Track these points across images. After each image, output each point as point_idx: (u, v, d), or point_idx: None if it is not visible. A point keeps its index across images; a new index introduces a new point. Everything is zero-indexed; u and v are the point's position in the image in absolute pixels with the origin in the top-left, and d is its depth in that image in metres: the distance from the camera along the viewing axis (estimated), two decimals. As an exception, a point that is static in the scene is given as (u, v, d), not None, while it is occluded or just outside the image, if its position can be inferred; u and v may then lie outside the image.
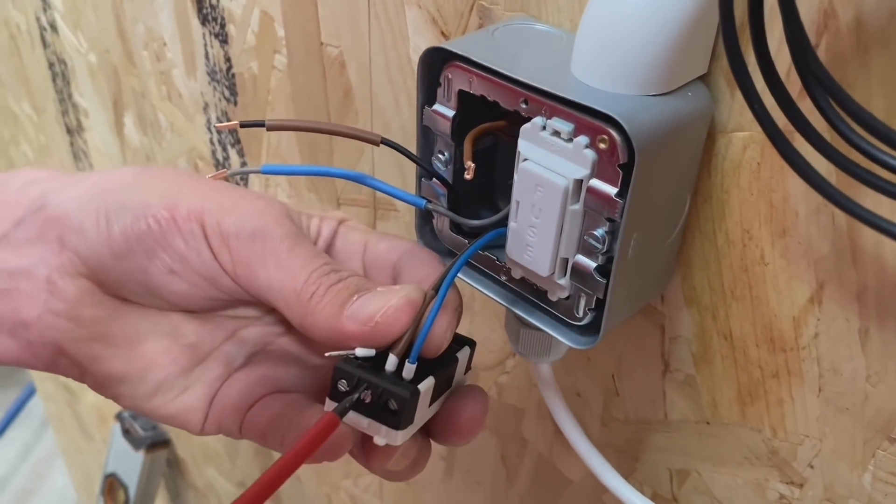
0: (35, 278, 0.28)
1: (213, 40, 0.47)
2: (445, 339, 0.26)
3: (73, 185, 0.29)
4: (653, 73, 0.24)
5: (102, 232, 0.27)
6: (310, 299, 0.26)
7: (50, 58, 0.68)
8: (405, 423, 0.26)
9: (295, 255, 0.27)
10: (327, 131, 0.28)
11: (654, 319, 0.32)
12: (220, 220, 0.27)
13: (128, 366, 0.29)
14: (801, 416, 0.29)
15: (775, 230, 0.26)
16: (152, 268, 0.27)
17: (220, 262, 0.27)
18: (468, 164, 0.26)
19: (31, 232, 0.28)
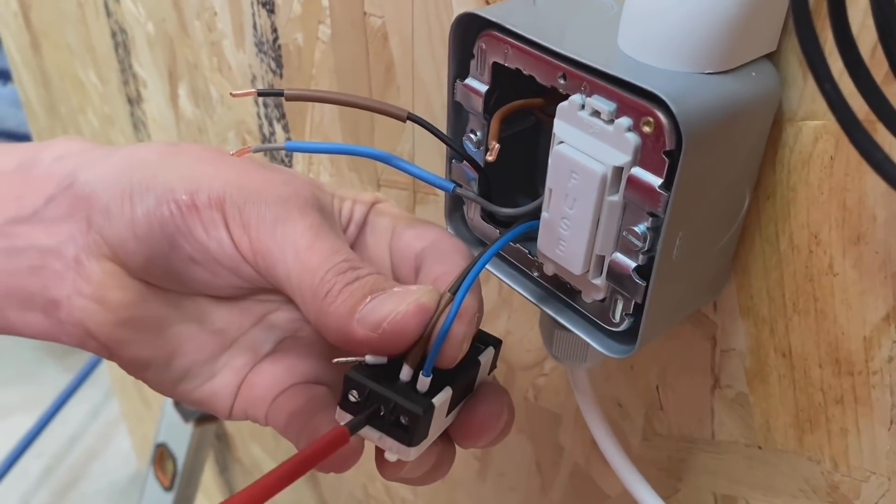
0: (64, 257, 0.27)
1: (261, 9, 0.45)
2: (461, 351, 0.24)
3: (103, 160, 0.28)
4: (710, 48, 0.20)
5: (126, 214, 0.26)
6: (324, 298, 0.24)
7: (112, 27, 0.68)
8: (418, 439, 0.24)
9: (315, 249, 0.25)
10: (349, 104, 0.26)
11: (704, 329, 0.28)
12: (241, 207, 0.25)
13: (153, 352, 0.27)
14: (868, 450, 0.25)
15: (848, 236, 0.23)
16: (174, 255, 0.26)
17: (240, 251, 0.25)
18: (492, 144, 0.23)
19: (61, 210, 0.27)
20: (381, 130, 0.40)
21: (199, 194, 0.25)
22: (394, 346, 0.24)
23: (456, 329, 0.23)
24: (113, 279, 0.27)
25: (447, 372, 0.24)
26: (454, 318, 0.23)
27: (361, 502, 0.63)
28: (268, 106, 0.50)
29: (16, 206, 0.28)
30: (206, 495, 1.09)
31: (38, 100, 1.04)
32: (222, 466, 1.00)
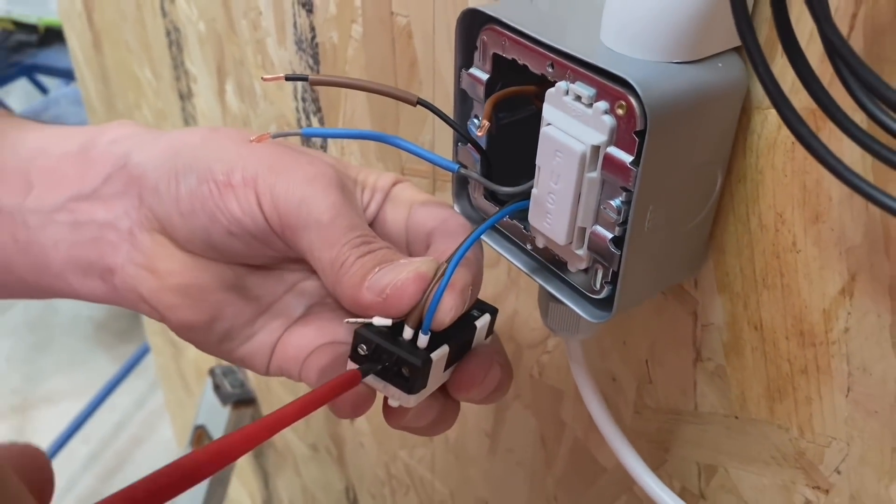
0: (119, 230, 0.31)
1: (301, 9, 0.49)
2: (451, 314, 0.26)
3: (152, 143, 0.31)
4: (678, 40, 0.23)
5: (172, 192, 0.29)
6: (340, 268, 0.27)
7: (167, 26, 0.72)
8: (417, 388, 0.27)
9: (335, 224, 0.28)
10: (366, 88, 0.29)
11: (687, 305, 0.31)
12: (272, 186, 0.28)
13: (198, 316, 0.31)
14: (829, 417, 0.27)
15: (808, 215, 0.25)
16: (213, 228, 0.29)
17: (270, 225, 0.29)
18: (483, 123, 0.26)
19: (116, 187, 0.31)
20: (405, 122, 0.43)
21: (234, 174, 0.29)
22: (396, 309, 0.26)
23: (446, 297, 0.26)
24: (162, 250, 0.30)
25: (445, 333, 0.27)
26: (446, 285, 0.26)
27: (384, 482, 0.66)
28: (305, 101, 0.54)
29: (78, 185, 0.31)
30: (240, 479, 1.13)
31: (97, 96, 1.10)
32: (257, 451, 1.03)
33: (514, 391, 0.44)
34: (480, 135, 0.26)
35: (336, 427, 0.73)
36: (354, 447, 0.70)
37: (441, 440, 0.54)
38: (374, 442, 0.65)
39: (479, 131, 0.26)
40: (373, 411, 0.29)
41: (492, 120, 0.29)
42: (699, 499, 0.34)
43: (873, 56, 0.22)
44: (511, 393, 0.44)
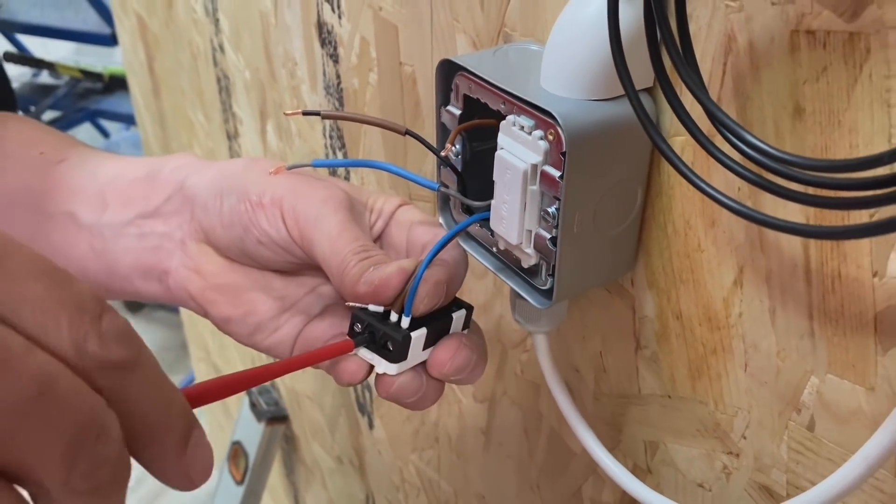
0: (174, 240, 0.39)
1: (329, 60, 0.57)
2: (423, 303, 0.33)
3: (205, 170, 0.39)
4: (595, 82, 0.30)
5: (216, 208, 0.37)
6: (343, 271, 0.34)
7: (218, 74, 0.82)
8: (399, 359, 0.34)
9: (342, 237, 0.35)
10: (364, 121, 0.36)
11: (627, 301, 0.37)
12: (294, 206, 0.36)
13: (234, 310, 0.38)
14: (735, 390, 0.33)
15: (707, 221, 0.31)
16: (246, 237, 0.36)
17: (292, 236, 0.36)
18: (447, 146, 0.33)
19: (174, 205, 0.39)
20: (412, 154, 0.51)
21: (265, 196, 0.36)
22: (385, 297, 0.33)
23: (421, 286, 0.33)
24: (206, 256, 0.38)
25: (424, 320, 0.34)
26: (420, 278, 0.33)
27: (398, 487, 0.72)
28: (332, 138, 0.62)
29: (144, 204, 0.39)
30: (271, 494, 1.19)
31: (154, 138, 1.21)
32: (289, 468, 1.10)
33: (502, 388, 0.50)
34: (444, 154, 0.33)
35: (358, 437, 0.79)
36: (373, 455, 0.76)
37: (445, 440, 0.60)
38: (389, 449, 0.72)
39: (444, 152, 0.33)
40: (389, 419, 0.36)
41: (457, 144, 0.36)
42: (647, 473, 0.40)
43: (738, 92, 0.28)
44: (500, 390, 0.50)
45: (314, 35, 0.58)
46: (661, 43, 0.26)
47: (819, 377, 0.29)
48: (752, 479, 0.34)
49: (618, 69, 0.26)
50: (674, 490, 0.38)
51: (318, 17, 0.56)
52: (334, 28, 0.54)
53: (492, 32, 0.39)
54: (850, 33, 0.24)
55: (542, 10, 0.36)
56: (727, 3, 0.27)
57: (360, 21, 0.51)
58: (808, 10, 0.25)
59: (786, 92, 0.26)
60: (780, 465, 0.32)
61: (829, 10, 0.24)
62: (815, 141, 0.26)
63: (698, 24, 0.28)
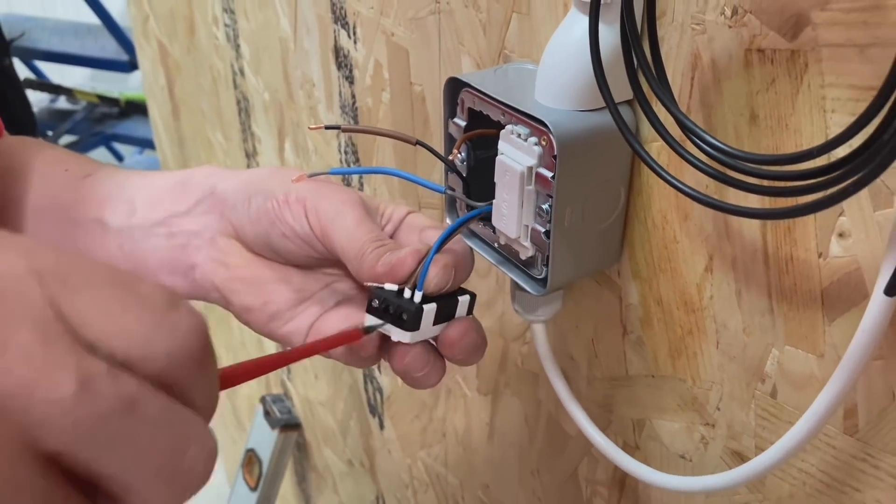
0: (203, 237, 0.43)
1: (344, 81, 0.62)
2: (433, 281, 0.36)
3: (233, 177, 0.43)
4: (581, 95, 0.35)
5: (245, 207, 0.41)
6: (362, 257, 0.38)
7: (238, 96, 0.87)
8: (413, 328, 0.38)
9: (359, 230, 0.39)
10: (379, 133, 0.41)
11: (614, 291, 0.41)
12: (316, 204, 0.40)
13: (255, 300, 0.42)
14: (709, 366, 0.37)
15: (681, 215, 0.36)
16: (272, 232, 0.41)
17: (313, 231, 0.40)
18: (454, 153, 0.38)
19: (204, 208, 0.43)
20: (421, 164, 0.56)
21: (290, 195, 0.40)
22: (400, 275, 0.37)
23: (432, 267, 0.37)
24: (233, 249, 0.42)
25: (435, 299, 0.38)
26: (431, 259, 0.37)
27: (407, 484, 0.76)
28: (347, 153, 0.67)
29: (175, 206, 0.43)
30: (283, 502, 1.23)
31: (173, 158, 1.26)
32: (301, 476, 1.14)
33: (504, 380, 0.54)
34: (451, 158, 0.38)
35: (369, 439, 0.83)
36: (383, 456, 0.80)
37: (451, 434, 0.64)
38: (399, 448, 0.76)
39: (451, 156, 0.38)
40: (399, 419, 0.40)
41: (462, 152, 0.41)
42: (635, 450, 0.44)
43: (704, 102, 0.33)
44: (503, 382, 0.54)
45: (331, 59, 0.63)
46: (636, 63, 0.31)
47: (779, 349, 0.33)
48: (726, 447, 0.38)
49: (599, 86, 0.31)
50: (659, 463, 0.42)
51: (335, 42, 0.61)
52: (350, 52, 0.60)
53: (493, 54, 0.44)
54: (791, 51, 0.29)
55: (536, 34, 0.40)
56: (693, 26, 0.32)
57: (374, 45, 0.56)
58: (758, 31, 0.29)
59: (743, 101, 0.31)
60: (749, 432, 0.36)
61: (775, 31, 0.29)
62: (768, 142, 0.31)
63: (669, 46, 0.33)
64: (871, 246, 0.28)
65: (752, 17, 0.29)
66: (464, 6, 0.45)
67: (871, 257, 0.28)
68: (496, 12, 0.43)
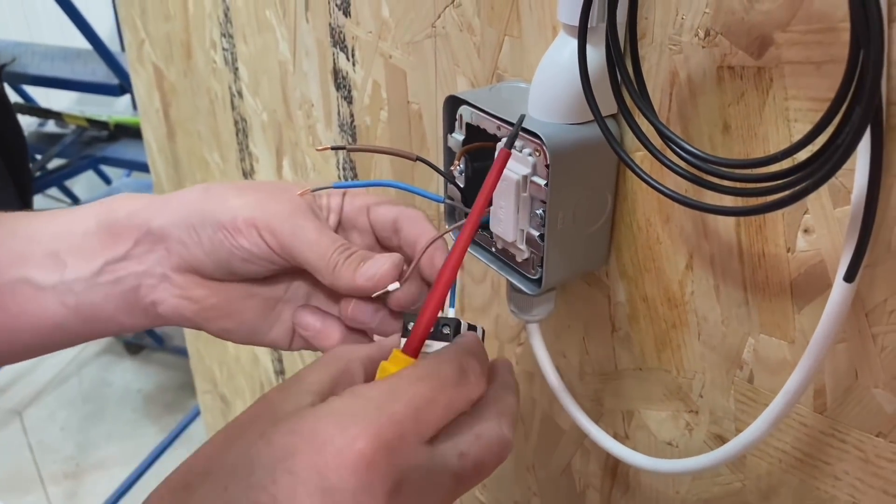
0: (154, 275, 0.41)
1: (343, 101, 0.65)
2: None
3: (163, 208, 0.41)
4: (570, 110, 0.38)
5: (195, 241, 0.40)
6: (334, 269, 0.40)
7: (235, 117, 0.90)
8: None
9: (321, 241, 0.39)
10: (384, 151, 0.45)
11: (603, 291, 0.45)
12: (268, 223, 0.39)
13: (229, 322, 0.43)
14: (691, 356, 0.41)
15: (663, 218, 0.39)
16: (232, 260, 0.40)
17: (271, 248, 0.40)
18: (455, 163, 0.41)
19: (145, 248, 0.41)
20: (418, 179, 0.59)
21: (237, 219, 0.39)
22: (380, 287, 0.39)
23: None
24: (193, 283, 0.41)
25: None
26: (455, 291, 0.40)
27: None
28: (345, 170, 0.70)
29: (110, 252, 0.41)
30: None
31: (167, 179, 1.29)
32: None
33: (500, 381, 0.57)
34: (452, 168, 0.41)
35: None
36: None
37: (449, 436, 0.67)
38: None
39: (453, 167, 0.41)
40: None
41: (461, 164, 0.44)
42: (625, 439, 0.47)
43: (682, 115, 0.36)
44: (498, 383, 0.57)
45: (330, 80, 0.66)
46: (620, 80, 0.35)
47: (754, 337, 0.37)
48: (709, 431, 0.41)
49: (588, 101, 0.35)
50: (647, 451, 0.45)
51: (334, 64, 0.64)
52: (349, 74, 0.63)
53: (487, 74, 0.48)
54: (758, 67, 0.32)
55: (527, 56, 0.44)
56: (670, 46, 0.36)
57: (373, 67, 0.59)
58: (728, 51, 0.33)
59: (716, 113, 0.35)
60: (729, 416, 0.40)
61: (743, 50, 0.32)
62: (740, 150, 0.34)
63: (650, 64, 0.37)
64: (832, 240, 0.32)
65: (722, 38, 0.33)
66: (459, 30, 0.48)
67: (833, 250, 0.32)
68: (490, 36, 0.46)
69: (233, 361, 1.27)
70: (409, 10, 0.53)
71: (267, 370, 1.12)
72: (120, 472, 2.10)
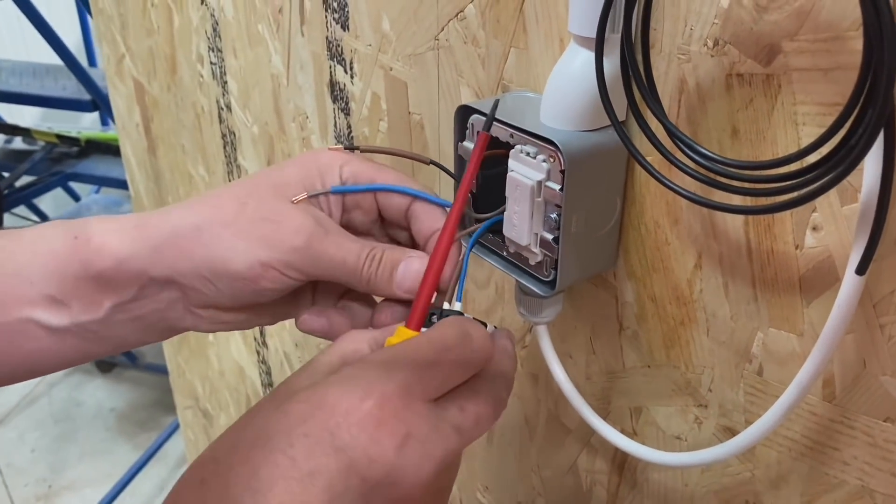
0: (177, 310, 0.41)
1: (340, 113, 0.66)
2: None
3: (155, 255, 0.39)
4: (582, 117, 0.40)
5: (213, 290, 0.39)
6: (368, 282, 0.41)
7: (223, 131, 0.90)
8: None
9: (345, 258, 0.40)
10: (398, 154, 0.46)
11: (611, 291, 0.46)
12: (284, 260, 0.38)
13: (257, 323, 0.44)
14: (700, 352, 0.42)
15: (671, 220, 0.41)
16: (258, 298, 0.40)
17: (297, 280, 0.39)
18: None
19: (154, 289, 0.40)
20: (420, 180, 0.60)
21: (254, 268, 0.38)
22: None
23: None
24: (215, 315, 0.41)
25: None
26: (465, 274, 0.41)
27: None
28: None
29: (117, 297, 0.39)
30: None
31: (147, 193, 1.28)
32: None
33: (504, 384, 0.58)
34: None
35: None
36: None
37: (450, 441, 0.68)
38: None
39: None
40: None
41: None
42: (633, 435, 0.49)
43: (690, 121, 0.38)
44: (502, 386, 0.59)
45: (326, 92, 0.67)
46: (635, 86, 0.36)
47: (763, 332, 0.39)
48: (718, 424, 0.43)
49: (605, 107, 0.36)
50: (656, 445, 0.47)
51: (331, 77, 0.66)
52: (346, 86, 0.64)
53: (492, 84, 0.49)
54: (766, 75, 0.34)
55: (533, 66, 0.46)
56: (678, 56, 0.37)
57: (372, 79, 0.60)
58: (737, 59, 0.35)
59: (725, 118, 0.36)
60: (738, 408, 0.41)
61: (752, 59, 0.34)
62: (748, 153, 0.36)
63: (658, 73, 0.38)
64: (840, 236, 0.34)
65: (731, 47, 0.35)
66: (463, 42, 0.50)
67: (841, 246, 0.34)
68: (495, 48, 0.48)
69: (216, 376, 1.26)
70: (410, 23, 0.54)
71: (254, 382, 1.12)
72: (94, 492, 2.07)
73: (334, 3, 0.61)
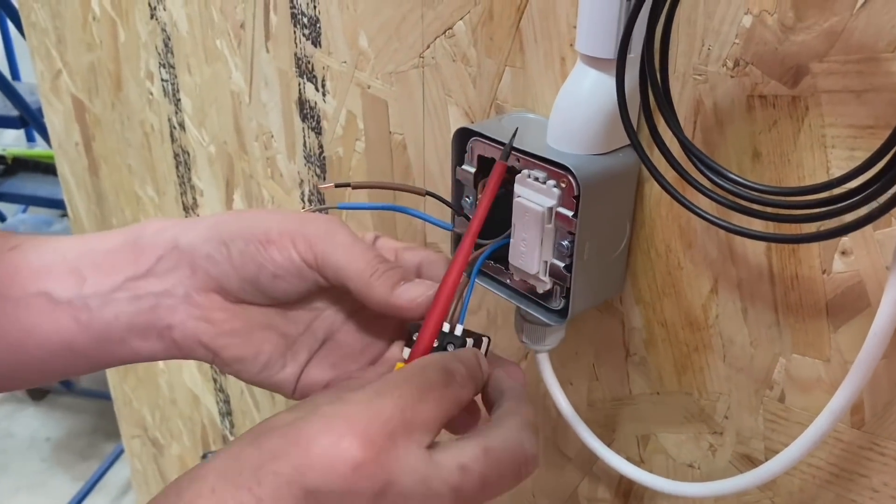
0: (175, 295, 0.40)
1: (310, 132, 0.63)
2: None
3: (193, 227, 0.41)
4: (593, 141, 0.38)
5: (224, 255, 0.39)
6: (370, 277, 0.38)
7: (176, 150, 0.86)
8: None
9: (357, 244, 0.39)
10: (392, 187, 0.44)
11: (616, 317, 0.45)
12: (302, 233, 0.39)
13: (244, 351, 0.41)
14: (715, 378, 0.41)
15: (685, 244, 0.40)
16: (261, 275, 0.39)
17: (305, 260, 0.38)
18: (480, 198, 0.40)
19: (169, 265, 0.40)
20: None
21: (271, 233, 0.39)
22: (419, 313, 0.38)
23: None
24: (215, 304, 0.40)
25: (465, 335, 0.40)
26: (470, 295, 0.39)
27: None
28: (311, 202, 0.68)
29: (132, 269, 0.40)
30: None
31: (88, 215, 1.22)
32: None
33: (495, 411, 0.56)
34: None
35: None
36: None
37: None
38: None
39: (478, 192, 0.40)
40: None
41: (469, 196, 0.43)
42: (640, 463, 0.47)
43: (707, 142, 0.37)
44: (493, 413, 0.57)
45: (294, 110, 0.64)
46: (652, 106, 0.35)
47: (786, 357, 0.37)
48: (735, 451, 0.42)
49: (626, 128, 0.35)
50: (666, 474, 0.46)
51: (300, 95, 0.63)
52: (317, 104, 0.61)
53: (484, 104, 0.47)
54: (792, 96, 0.33)
55: (531, 86, 0.44)
56: (694, 76, 0.36)
57: (347, 98, 0.58)
58: (760, 80, 0.34)
59: (746, 140, 0.35)
60: (757, 436, 0.40)
61: (776, 80, 0.33)
62: (771, 176, 0.35)
63: (673, 93, 0.37)
64: (872, 261, 0.33)
65: (753, 67, 0.34)
66: (451, 60, 0.48)
67: (873, 270, 0.33)
68: (488, 66, 0.46)
69: (167, 404, 1.21)
70: (391, 40, 0.52)
71: (210, 411, 1.07)
72: (32, 528, 1.97)
73: (304, 18, 0.58)
